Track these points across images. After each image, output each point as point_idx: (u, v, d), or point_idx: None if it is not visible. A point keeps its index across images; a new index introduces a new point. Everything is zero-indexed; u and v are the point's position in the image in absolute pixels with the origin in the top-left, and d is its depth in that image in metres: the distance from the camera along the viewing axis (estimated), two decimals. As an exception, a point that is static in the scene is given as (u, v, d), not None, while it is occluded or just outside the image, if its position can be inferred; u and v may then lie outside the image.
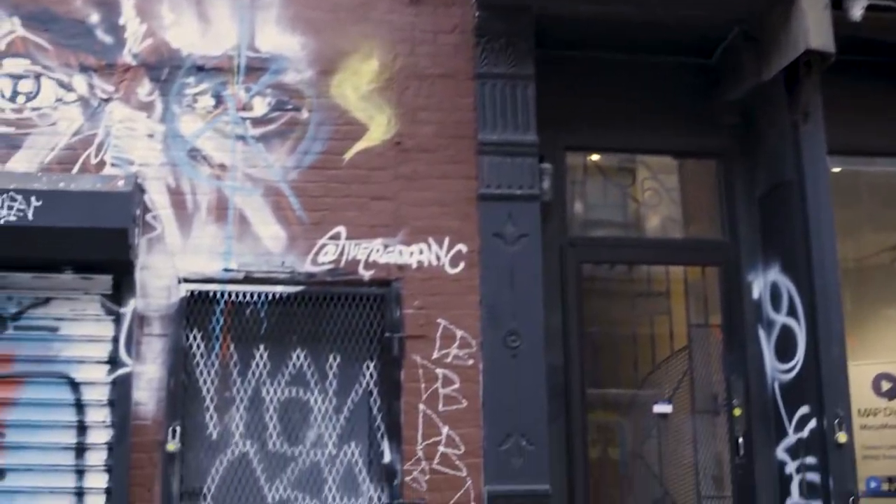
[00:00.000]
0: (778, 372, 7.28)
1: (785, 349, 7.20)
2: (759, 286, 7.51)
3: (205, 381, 6.73)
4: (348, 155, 7.01)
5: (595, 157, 7.82)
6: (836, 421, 6.72)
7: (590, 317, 7.36)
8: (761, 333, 7.45)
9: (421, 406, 6.70)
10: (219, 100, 7.04)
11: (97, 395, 6.53)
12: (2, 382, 6.50)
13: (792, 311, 7.12)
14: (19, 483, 6.39)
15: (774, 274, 7.35)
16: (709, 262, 7.66)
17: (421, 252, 6.92)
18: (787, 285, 7.19)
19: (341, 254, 6.85)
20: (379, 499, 6.68)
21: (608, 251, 7.68)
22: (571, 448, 7.09)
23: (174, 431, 6.51)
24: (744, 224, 7.61)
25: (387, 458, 6.67)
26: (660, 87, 7.62)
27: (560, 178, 7.39)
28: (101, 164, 6.83)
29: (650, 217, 7.87)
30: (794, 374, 7.10)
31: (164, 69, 7.03)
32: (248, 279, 6.78)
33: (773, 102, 7.33)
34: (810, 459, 6.87)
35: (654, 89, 7.61)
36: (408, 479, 6.60)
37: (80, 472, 6.45)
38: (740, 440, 7.32)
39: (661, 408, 7.44)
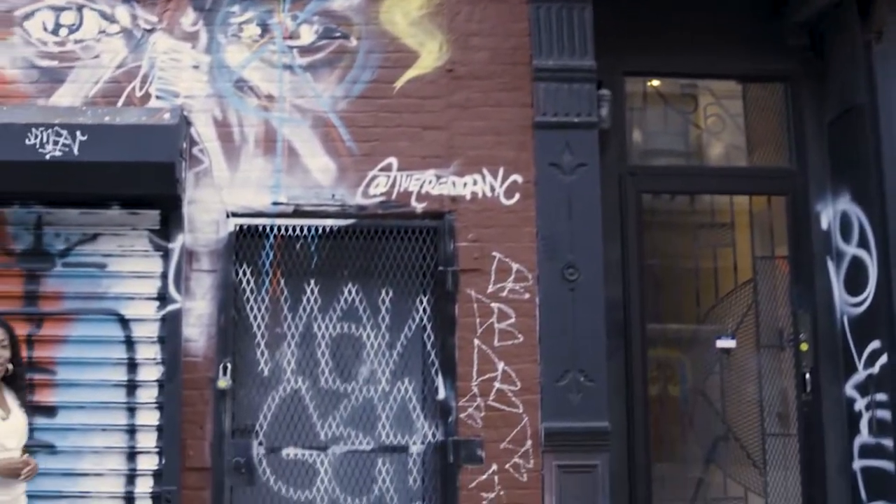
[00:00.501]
0: (847, 305, 7.18)
1: (855, 282, 7.09)
2: (827, 216, 7.38)
3: (255, 317, 6.72)
4: (399, 83, 6.90)
5: (655, 82, 7.68)
6: (909, 356, 6.53)
7: (650, 249, 7.28)
8: (830, 265, 7.34)
9: (476, 341, 6.65)
10: (265, 28, 6.95)
11: (147, 331, 6.56)
12: (52, 320, 6.54)
13: (863, 242, 7.02)
14: (71, 420, 6.43)
15: (844, 203, 7.23)
16: (775, 192, 7.50)
17: (475, 183, 6.82)
18: (857, 215, 7.07)
19: (393, 186, 6.79)
20: (433, 436, 6.69)
21: (669, 181, 7.53)
22: (631, 385, 7.07)
23: (225, 368, 6.51)
24: (812, 151, 7.45)
25: (441, 394, 6.65)
26: (724, 9, 7.42)
27: (619, 104, 7.25)
28: (146, 96, 6.80)
29: (713, 145, 7.71)
30: (864, 307, 7.00)
31: (208, -2, 6.90)
32: (297, 213, 6.74)
33: (843, 22, 7.15)
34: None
35: (718, 10, 7.41)
36: (462, 415, 6.59)
37: (131, 410, 6.49)
38: (807, 376, 7.23)
39: (725, 343, 7.32)
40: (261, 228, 6.73)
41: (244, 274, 6.72)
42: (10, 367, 5.21)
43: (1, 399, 5.16)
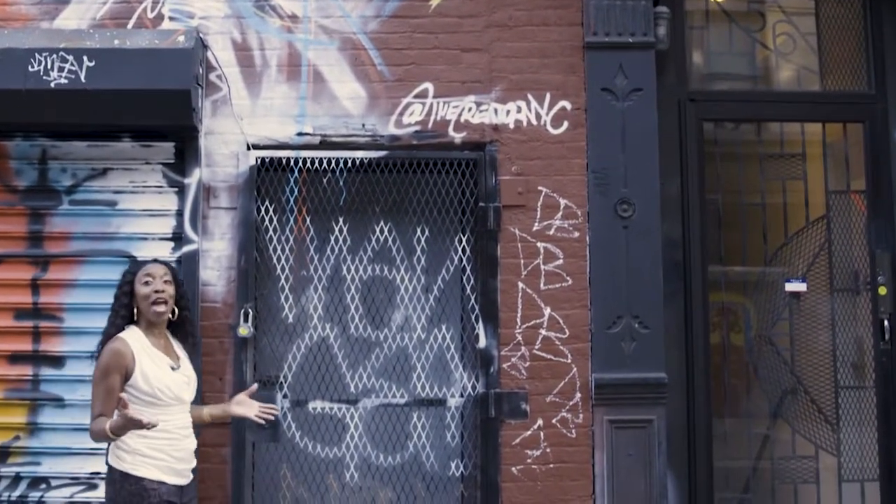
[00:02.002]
0: (931, 244, 6.92)
1: (940, 218, 6.82)
2: (909, 145, 7.08)
3: (279, 259, 6.62)
4: (435, 1, 6.73)
5: (718, -2, 7.43)
6: None
7: (712, 183, 7.02)
8: (911, 200, 7.07)
9: (520, 284, 6.52)
10: (287, -60, 6.75)
11: None
12: (58, 262, 6.50)
13: (949, 173, 6.72)
14: (80, 371, 6.33)
15: (928, 130, 6.94)
16: (851, 119, 7.18)
17: (519, 110, 6.65)
18: (943, 142, 6.76)
19: (428, 114, 6.64)
20: (473, 388, 6.56)
21: (733, 107, 7.20)
22: (690, 332, 6.86)
23: (246, 314, 6.41)
24: (892, 74, 7.12)
25: (482, 342, 6.50)
26: (795, -88, 7.16)
27: (678, 23, 7.01)
28: (159, 17, 6.70)
29: (782, 67, 7.37)
30: (950, 245, 6.70)
31: None
32: (324, 144, 6.62)
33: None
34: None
35: (789, -85, 7.13)
36: (505, 365, 6.46)
37: None
38: (885, 323, 6.97)
39: (794, 286, 7.08)
40: (284, 162, 6.62)
41: (266, 212, 6.61)
42: (176, 311, 5.10)
43: (169, 347, 5.05)
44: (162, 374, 4.84)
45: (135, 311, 4.96)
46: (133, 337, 4.88)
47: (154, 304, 4.92)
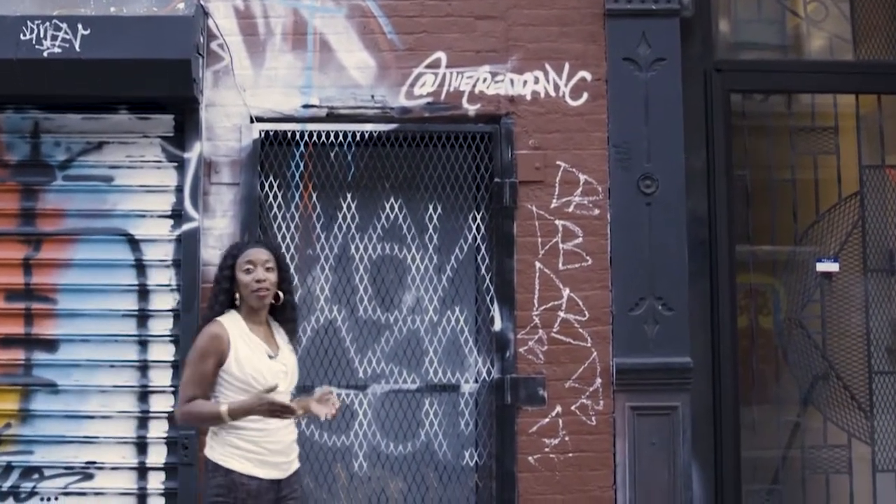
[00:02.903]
0: (972, 221, 6.84)
1: (981, 193, 6.77)
2: (948, 117, 7.01)
3: (283, 238, 6.54)
4: None
5: (746, -38, 7.34)
6: None
7: (740, 158, 6.96)
8: (951, 175, 7.01)
9: (537, 264, 6.45)
10: None
11: (160, 254, 6.42)
12: (52, 241, 6.41)
13: None
14: (74, 355, 6.32)
15: (968, 101, 6.87)
16: (886, 90, 7.09)
17: (536, 81, 6.58)
18: (984, 113, 6.71)
19: (441, 85, 6.57)
20: (488, 373, 6.49)
21: (762, 77, 7.11)
22: (716, 315, 6.78)
23: None
24: None
25: (497, 325, 6.44)
26: None
27: None
28: None
29: (814, 36, 7.29)
30: None
31: None
32: (331, 116, 6.54)
33: None
34: None
35: None
36: (522, 349, 6.40)
37: (142, 344, 6.37)
38: None
39: (826, 266, 7.03)
40: (289, 135, 6.54)
41: (271, 188, 6.54)
42: (281, 295, 4.97)
43: (268, 334, 4.93)
44: (257, 361, 4.73)
45: (236, 295, 4.85)
46: (232, 321, 4.78)
47: (255, 293, 4.82)
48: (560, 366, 6.35)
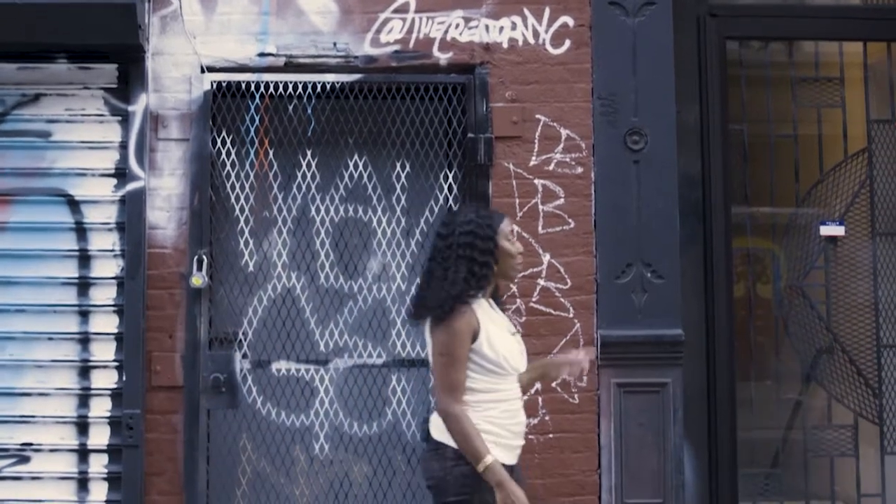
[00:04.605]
0: None
1: None
2: (965, 67, 6.96)
3: (237, 198, 6.47)
4: None
5: None
6: None
7: (736, 111, 6.88)
8: (967, 129, 6.95)
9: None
10: None
11: (102, 216, 6.30)
12: None
13: None
14: (9, 327, 6.23)
15: None
16: None
17: (513, 27, 6.44)
18: None
19: (409, 31, 6.43)
20: None
21: (761, 23, 7.02)
22: (711, 283, 6.75)
23: (200, 262, 6.23)
24: None
25: None
26: None
27: None
28: None
29: None
30: None
31: None
32: (289, 66, 6.42)
33: None
34: None
35: None
36: None
37: (83, 314, 6.28)
38: None
39: (830, 229, 6.98)
40: (244, 86, 6.43)
41: (223, 144, 6.43)
42: None
43: (493, 310, 4.80)
44: (504, 339, 4.65)
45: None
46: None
47: (518, 266, 4.78)
48: (540, 338, 6.21)
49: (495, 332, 4.60)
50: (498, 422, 4.55)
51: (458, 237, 4.66)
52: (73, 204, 6.26)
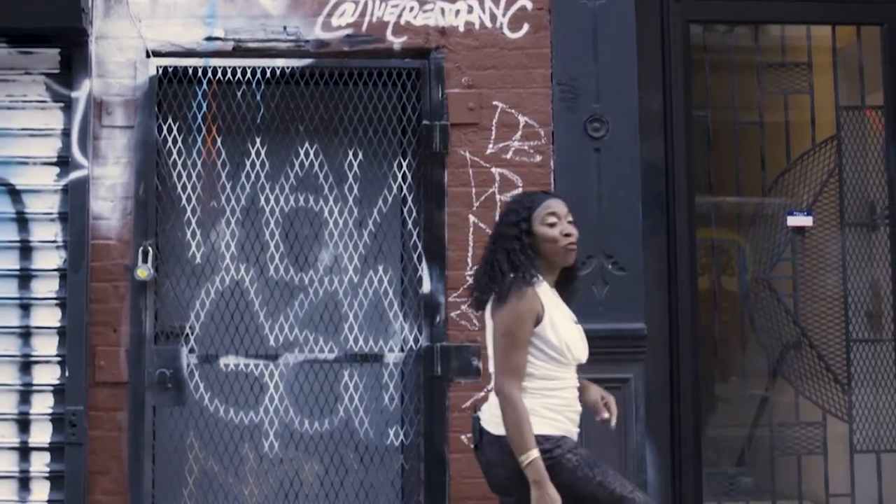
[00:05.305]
0: (963, 170, 6.96)
1: (973, 138, 6.75)
2: (937, 52, 6.97)
3: (184, 188, 6.43)
4: None
5: None
6: None
7: (701, 97, 6.85)
8: (939, 117, 6.95)
9: (471, 218, 6.34)
10: None
11: (44, 206, 6.27)
12: None
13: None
14: None
15: (960, 34, 6.81)
16: (867, 21, 6.99)
17: (470, 10, 6.44)
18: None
19: (362, 14, 6.42)
20: (415, 341, 6.39)
21: (726, 6, 6.96)
22: (674, 275, 6.69)
23: (145, 253, 6.19)
24: None
25: (426, 286, 6.35)
26: None
27: None
28: None
29: None
30: (984, 170, 6.82)
31: None
32: (238, 51, 6.40)
33: None
34: None
35: None
36: (454, 314, 6.27)
37: (24, 307, 6.22)
38: None
39: (798, 220, 6.94)
40: (191, 72, 6.40)
41: (170, 131, 6.39)
42: None
43: (557, 297, 4.72)
44: (568, 326, 4.58)
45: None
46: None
47: (566, 248, 4.62)
48: (497, 330, 6.19)
49: (559, 317, 4.54)
50: (560, 408, 4.51)
51: (498, 223, 4.70)
52: (15, 193, 6.22)
